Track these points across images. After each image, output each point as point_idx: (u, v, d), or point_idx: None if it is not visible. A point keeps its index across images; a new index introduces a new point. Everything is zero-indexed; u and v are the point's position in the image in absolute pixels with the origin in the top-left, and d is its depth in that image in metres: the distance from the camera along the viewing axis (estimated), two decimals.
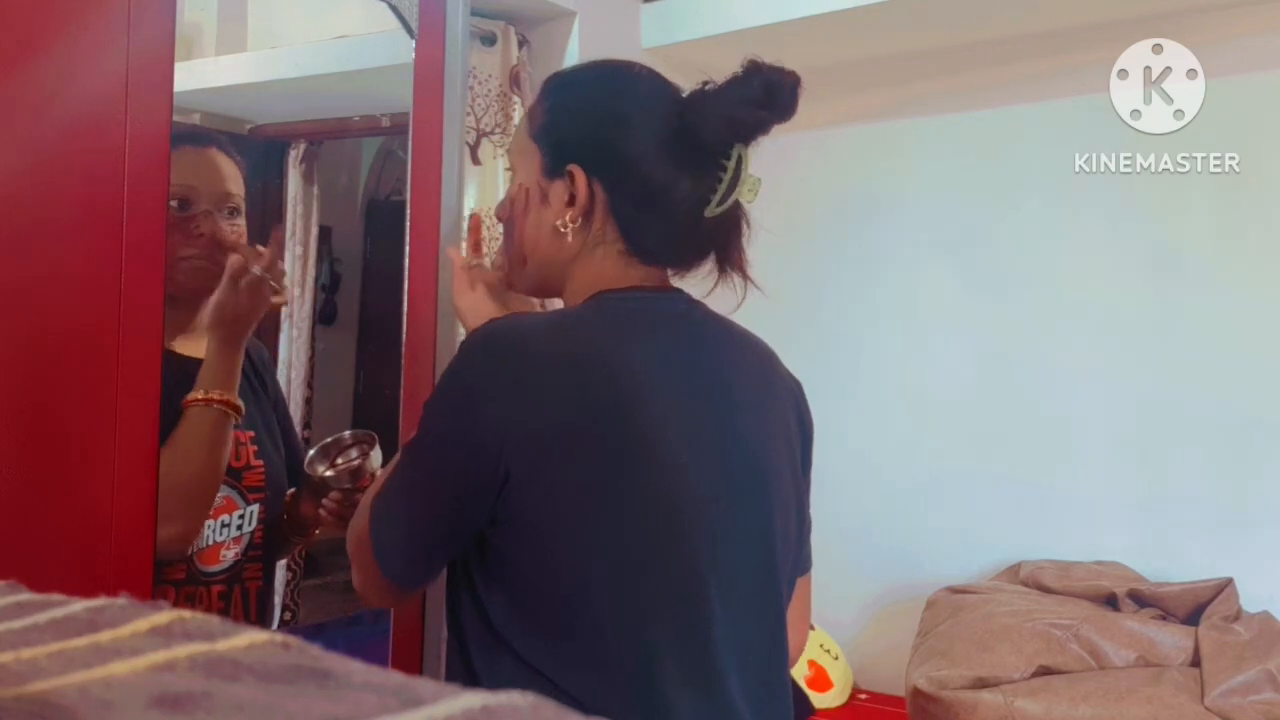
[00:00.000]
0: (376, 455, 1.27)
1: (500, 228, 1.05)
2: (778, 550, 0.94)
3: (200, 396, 1.10)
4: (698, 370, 0.91)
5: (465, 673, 0.88)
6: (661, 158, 0.90)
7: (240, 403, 1.14)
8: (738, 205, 0.92)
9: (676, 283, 0.97)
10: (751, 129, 0.90)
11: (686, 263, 0.96)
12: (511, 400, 0.82)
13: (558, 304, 0.99)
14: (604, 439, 0.83)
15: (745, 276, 0.96)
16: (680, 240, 0.93)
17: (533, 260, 0.97)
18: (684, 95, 0.92)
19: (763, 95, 0.87)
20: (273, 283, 1.13)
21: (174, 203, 1.13)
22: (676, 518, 0.85)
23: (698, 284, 0.98)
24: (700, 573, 0.86)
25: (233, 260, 1.13)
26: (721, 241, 0.94)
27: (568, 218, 0.92)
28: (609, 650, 0.83)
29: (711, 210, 0.90)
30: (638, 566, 0.84)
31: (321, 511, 1.25)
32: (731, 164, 0.90)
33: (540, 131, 0.95)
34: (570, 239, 0.92)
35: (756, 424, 0.94)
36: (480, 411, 0.83)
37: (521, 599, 0.85)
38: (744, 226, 0.95)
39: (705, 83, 0.91)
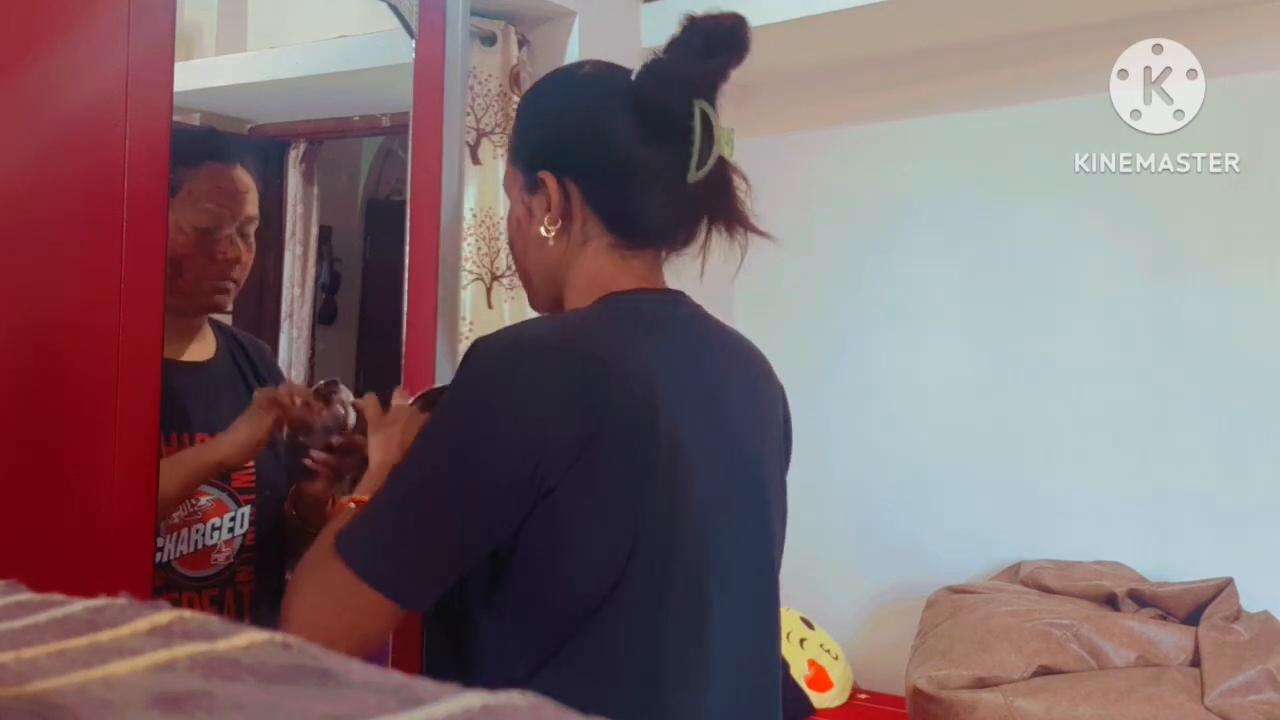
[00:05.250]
0: (345, 392, 1.24)
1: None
2: (774, 554, 0.95)
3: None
4: (701, 374, 0.91)
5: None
6: (627, 137, 0.89)
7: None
8: (724, 164, 0.90)
9: (673, 262, 0.96)
10: (704, 83, 0.88)
11: (680, 236, 0.93)
12: (539, 411, 0.81)
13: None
14: (627, 443, 0.82)
15: (750, 230, 0.92)
16: (668, 213, 0.91)
17: (535, 276, 0.97)
18: (635, 72, 0.91)
19: (703, 46, 0.87)
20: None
21: (202, 225, 1.18)
22: (686, 522, 0.85)
23: (694, 272, 0.96)
24: (704, 577, 0.86)
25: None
26: (715, 204, 0.91)
27: (546, 222, 0.92)
28: (616, 655, 0.83)
29: (693, 175, 0.88)
30: (651, 572, 0.83)
31: (309, 463, 1.21)
32: (698, 123, 0.87)
33: (515, 154, 0.97)
34: (552, 243, 0.92)
35: (754, 428, 0.95)
36: (509, 424, 0.81)
37: (525, 609, 0.83)
38: (737, 182, 0.92)
39: (654, 55, 0.91)
